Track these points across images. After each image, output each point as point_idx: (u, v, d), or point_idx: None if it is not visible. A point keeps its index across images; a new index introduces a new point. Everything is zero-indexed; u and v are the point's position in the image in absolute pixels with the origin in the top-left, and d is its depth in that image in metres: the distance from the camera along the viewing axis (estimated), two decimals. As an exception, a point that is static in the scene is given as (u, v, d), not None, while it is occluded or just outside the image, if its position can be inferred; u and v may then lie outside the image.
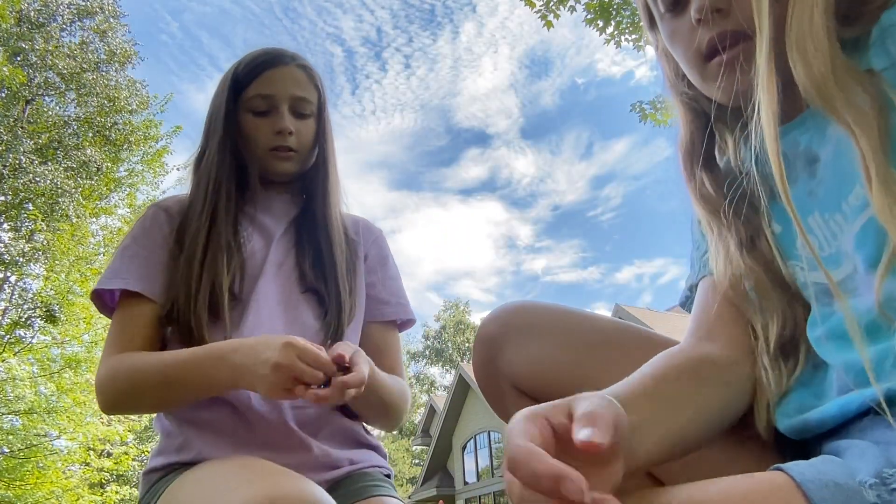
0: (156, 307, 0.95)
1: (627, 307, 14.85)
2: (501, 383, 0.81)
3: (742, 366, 0.63)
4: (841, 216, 0.56)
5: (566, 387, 0.76)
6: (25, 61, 9.85)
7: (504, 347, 0.81)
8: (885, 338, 0.51)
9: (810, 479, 0.42)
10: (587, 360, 0.77)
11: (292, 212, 1.09)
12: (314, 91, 1.07)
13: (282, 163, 1.05)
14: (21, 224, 9.31)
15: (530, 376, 0.79)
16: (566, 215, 50.15)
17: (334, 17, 46.20)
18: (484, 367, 0.83)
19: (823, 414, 0.53)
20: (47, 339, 9.14)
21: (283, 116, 1.03)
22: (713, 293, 0.70)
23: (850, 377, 0.54)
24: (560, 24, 5.41)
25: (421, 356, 30.47)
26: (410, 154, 49.38)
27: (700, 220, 0.74)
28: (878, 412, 0.48)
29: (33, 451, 8.78)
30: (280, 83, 1.04)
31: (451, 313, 30.77)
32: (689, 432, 0.55)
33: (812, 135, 0.61)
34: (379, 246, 1.16)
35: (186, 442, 0.90)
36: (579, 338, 0.79)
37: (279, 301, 0.99)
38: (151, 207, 1.07)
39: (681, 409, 0.55)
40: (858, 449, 0.46)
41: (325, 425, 0.97)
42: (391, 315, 1.11)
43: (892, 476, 0.41)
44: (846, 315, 0.54)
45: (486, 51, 46.12)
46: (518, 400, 0.81)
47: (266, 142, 1.03)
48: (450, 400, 17.91)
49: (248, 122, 1.04)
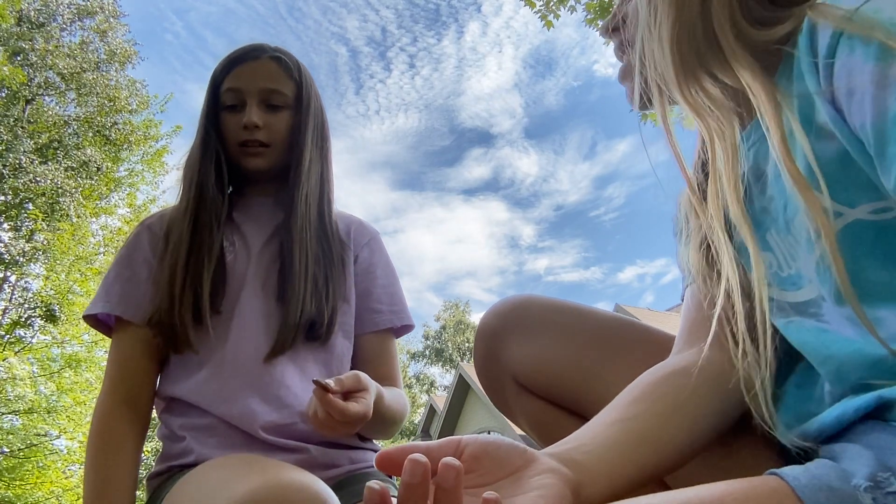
0: (145, 330, 0.95)
1: (627, 307, 14.84)
2: (502, 378, 0.81)
3: (725, 365, 0.62)
4: (793, 238, 0.55)
5: (567, 382, 0.77)
6: (25, 61, 9.85)
7: (505, 342, 0.80)
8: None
9: (805, 485, 0.42)
10: (588, 355, 0.76)
11: (277, 217, 1.04)
12: (289, 83, 1.04)
13: (251, 158, 1.02)
14: (21, 224, 9.31)
15: (531, 371, 0.78)
16: (569, 215, 50.12)
17: (339, 17, 46.16)
18: (484, 361, 0.82)
19: (822, 423, 0.53)
20: (47, 338, 9.14)
21: (250, 110, 1.00)
22: (694, 300, 0.70)
23: (823, 372, 0.55)
24: (565, 24, 5.42)
25: (421, 356, 30.47)
26: (414, 154, 49.38)
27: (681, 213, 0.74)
28: (873, 417, 0.48)
29: (33, 450, 8.77)
30: (249, 77, 1.02)
31: (451, 313, 30.79)
32: (668, 456, 0.55)
33: (758, 148, 0.60)
34: (371, 249, 1.12)
35: (187, 446, 0.90)
36: (580, 333, 0.78)
37: (262, 314, 0.97)
38: (136, 227, 1.06)
39: (652, 439, 0.55)
40: (853, 452, 0.46)
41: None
42: (384, 323, 1.07)
43: (886, 479, 0.41)
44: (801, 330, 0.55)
45: (490, 50, 46.11)
46: (519, 395, 0.81)
47: (235, 137, 1.01)
48: (450, 400, 17.91)
49: (222, 119, 1.03)
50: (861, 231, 0.49)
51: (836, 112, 0.49)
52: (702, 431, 0.59)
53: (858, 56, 0.46)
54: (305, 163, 1.03)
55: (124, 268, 1.00)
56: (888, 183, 0.45)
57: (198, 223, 0.98)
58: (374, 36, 43.68)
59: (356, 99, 46.14)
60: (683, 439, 0.57)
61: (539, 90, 47.80)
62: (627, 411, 0.57)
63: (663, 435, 0.56)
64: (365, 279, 1.08)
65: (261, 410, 0.91)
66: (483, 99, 46.44)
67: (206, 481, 0.73)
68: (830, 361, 0.54)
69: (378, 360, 1.05)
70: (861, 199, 0.49)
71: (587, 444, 0.52)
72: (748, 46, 0.56)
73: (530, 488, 0.45)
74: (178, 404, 0.95)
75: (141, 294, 0.97)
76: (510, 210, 48.26)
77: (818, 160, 0.49)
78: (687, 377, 0.60)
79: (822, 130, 0.50)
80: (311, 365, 0.98)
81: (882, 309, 0.49)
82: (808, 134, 0.50)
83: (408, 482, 0.39)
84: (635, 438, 0.54)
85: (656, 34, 0.58)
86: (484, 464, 0.46)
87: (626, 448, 0.53)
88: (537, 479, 0.45)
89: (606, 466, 0.51)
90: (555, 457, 0.49)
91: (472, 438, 0.47)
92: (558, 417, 0.78)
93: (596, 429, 0.55)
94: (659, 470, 0.55)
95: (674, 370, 0.62)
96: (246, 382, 0.93)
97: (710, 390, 0.60)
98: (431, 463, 0.40)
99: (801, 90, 0.52)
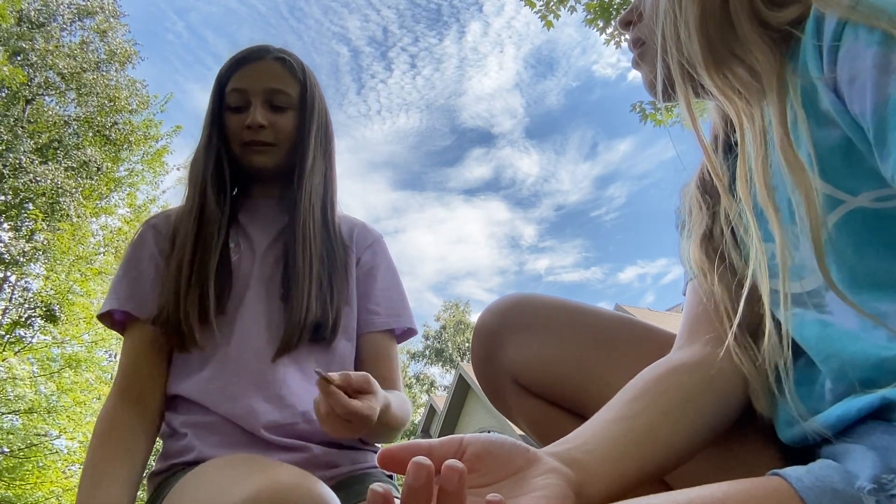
0: (153, 328, 0.96)
1: (628, 307, 14.83)
2: (501, 378, 0.80)
3: (725, 361, 0.62)
4: (797, 227, 0.54)
5: (567, 381, 0.76)
6: (25, 61, 9.85)
7: (504, 342, 0.79)
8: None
9: (808, 487, 0.42)
10: (589, 354, 0.75)
11: (282, 219, 1.05)
12: (294, 83, 1.05)
13: (256, 156, 1.02)
14: (21, 224, 9.31)
15: (531, 371, 0.77)
16: (570, 215, 50.06)
17: (340, 17, 46.10)
18: (483, 362, 0.81)
19: (823, 422, 0.53)
20: (47, 338, 9.14)
21: (254, 110, 1.01)
22: (695, 295, 0.69)
23: (825, 369, 0.55)
24: (566, 24, 5.42)
25: (421, 356, 30.47)
26: (415, 154, 49.32)
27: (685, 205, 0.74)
28: (876, 417, 0.48)
29: (33, 450, 8.77)
30: (253, 77, 1.03)
31: (451, 313, 30.78)
32: (670, 453, 0.55)
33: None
34: (374, 252, 1.12)
35: (188, 444, 0.90)
36: (581, 331, 0.77)
37: (266, 315, 0.98)
38: (141, 227, 1.07)
39: (653, 437, 0.54)
40: (856, 453, 0.46)
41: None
42: (382, 325, 1.06)
43: (890, 482, 0.41)
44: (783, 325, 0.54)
45: (491, 50, 46.04)
46: (518, 395, 0.80)
47: (239, 137, 1.02)
48: (450, 400, 17.91)
49: (227, 118, 1.04)
50: (863, 219, 0.49)
51: (837, 99, 0.49)
52: (704, 428, 0.58)
53: (862, 42, 0.46)
54: (309, 163, 1.03)
55: (131, 267, 1.01)
56: (887, 171, 0.45)
57: (203, 224, 0.99)
58: (376, 36, 43.65)
59: (357, 99, 46.11)
60: (685, 436, 0.56)
61: (540, 90, 47.79)
62: (628, 409, 0.56)
63: (664, 432, 0.55)
64: (366, 281, 1.08)
65: (263, 410, 0.91)
66: (484, 99, 46.42)
67: (206, 482, 0.73)
68: (833, 359, 0.54)
69: (376, 361, 1.04)
70: (863, 187, 0.49)
71: (588, 443, 0.52)
72: (763, 27, 0.56)
73: (533, 489, 0.44)
74: (180, 402, 0.95)
75: (147, 292, 0.98)
76: (511, 210, 48.23)
77: (819, 147, 0.50)
78: (688, 373, 0.60)
79: (825, 117, 0.50)
80: (313, 366, 0.98)
81: (885, 299, 0.49)
82: (810, 119, 0.51)
83: (411, 485, 0.39)
84: (636, 436, 0.53)
85: (682, 19, 0.59)
86: (486, 463, 0.46)
87: (628, 446, 0.52)
88: (540, 480, 0.45)
89: (608, 465, 0.50)
90: (556, 456, 0.48)
91: (474, 437, 0.47)
92: (558, 418, 0.78)
93: (597, 427, 0.54)
94: (661, 468, 0.54)
95: (675, 366, 0.61)
96: (249, 382, 0.93)
97: (711, 386, 0.60)
98: (434, 462, 0.40)
99: (805, 75, 0.52)
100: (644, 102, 5.73)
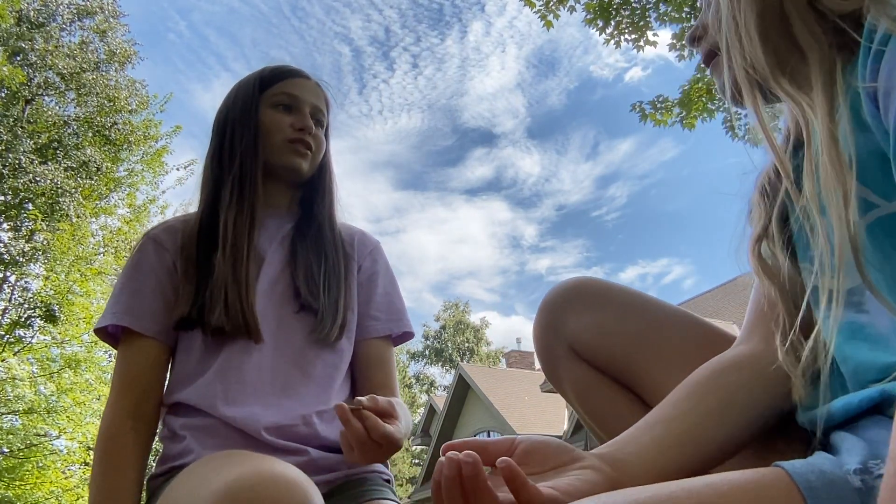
0: (151, 341, 0.97)
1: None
2: (558, 347, 0.87)
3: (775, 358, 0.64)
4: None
5: (619, 351, 0.84)
6: (25, 61, 9.85)
7: (566, 314, 0.86)
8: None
9: (801, 472, 0.45)
10: (646, 333, 0.82)
11: (285, 227, 1.09)
12: (327, 109, 1.14)
13: (299, 157, 1.06)
14: (21, 224, 9.31)
15: (588, 341, 0.84)
16: (571, 215, 50.14)
17: (342, 17, 46.17)
18: (545, 330, 0.88)
19: (829, 412, 0.55)
20: (47, 338, 9.14)
21: (306, 116, 1.07)
22: (756, 292, 0.72)
23: (846, 371, 0.56)
24: (568, 24, 5.42)
25: (421, 356, 30.49)
26: (417, 154, 49.40)
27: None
28: (879, 412, 0.50)
29: (33, 450, 8.77)
30: (305, 90, 1.10)
31: (451, 313, 30.80)
32: (711, 452, 0.60)
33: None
34: (373, 259, 1.15)
35: (187, 446, 0.91)
36: (641, 311, 0.84)
37: (273, 320, 0.99)
38: (141, 239, 1.07)
39: (694, 437, 0.60)
40: (850, 444, 0.49)
41: (324, 431, 0.96)
42: (382, 331, 1.09)
43: (877, 465, 0.44)
44: (829, 324, 0.55)
45: (493, 50, 46.13)
46: (571, 360, 0.87)
47: (286, 133, 1.05)
48: (449, 400, 17.91)
49: (268, 115, 1.06)
50: (893, 225, 0.50)
51: (875, 108, 0.49)
52: (749, 425, 0.62)
53: None
54: (326, 177, 1.13)
55: (131, 280, 1.01)
56: None
57: (254, 217, 1.02)
58: (378, 36, 43.72)
59: (359, 99, 46.17)
60: (728, 435, 0.61)
61: (542, 90, 47.85)
62: (672, 410, 0.62)
63: (706, 433, 0.60)
64: (366, 287, 1.11)
65: (264, 412, 0.92)
66: (486, 99, 46.48)
67: (192, 478, 0.75)
68: (850, 361, 0.56)
69: (375, 367, 1.06)
70: None
71: (629, 445, 0.58)
72: (819, 20, 0.57)
73: (569, 475, 0.51)
74: (181, 407, 0.96)
75: (147, 305, 0.98)
76: (512, 210, 48.30)
77: (859, 149, 0.51)
78: (737, 371, 0.64)
79: (865, 122, 0.51)
80: (316, 366, 0.99)
81: None
82: (854, 121, 0.52)
83: (469, 475, 0.46)
84: (676, 438, 0.59)
85: (742, 25, 0.60)
86: (534, 458, 0.53)
87: (667, 447, 0.58)
88: (578, 472, 0.52)
89: (646, 465, 0.56)
90: (599, 457, 0.54)
91: (524, 437, 0.55)
92: (602, 385, 0.85)
93: (641, 429, 0.60)
94: (702, 466, 0.59)
95: (726, 365, 0.65)
96: (251, 385, 0.94)
97: (762, 382, 0.63)
98: (489, 457, 0.48)
99: (856, 78, 0.53)
100: (644, 102, 5.74)
